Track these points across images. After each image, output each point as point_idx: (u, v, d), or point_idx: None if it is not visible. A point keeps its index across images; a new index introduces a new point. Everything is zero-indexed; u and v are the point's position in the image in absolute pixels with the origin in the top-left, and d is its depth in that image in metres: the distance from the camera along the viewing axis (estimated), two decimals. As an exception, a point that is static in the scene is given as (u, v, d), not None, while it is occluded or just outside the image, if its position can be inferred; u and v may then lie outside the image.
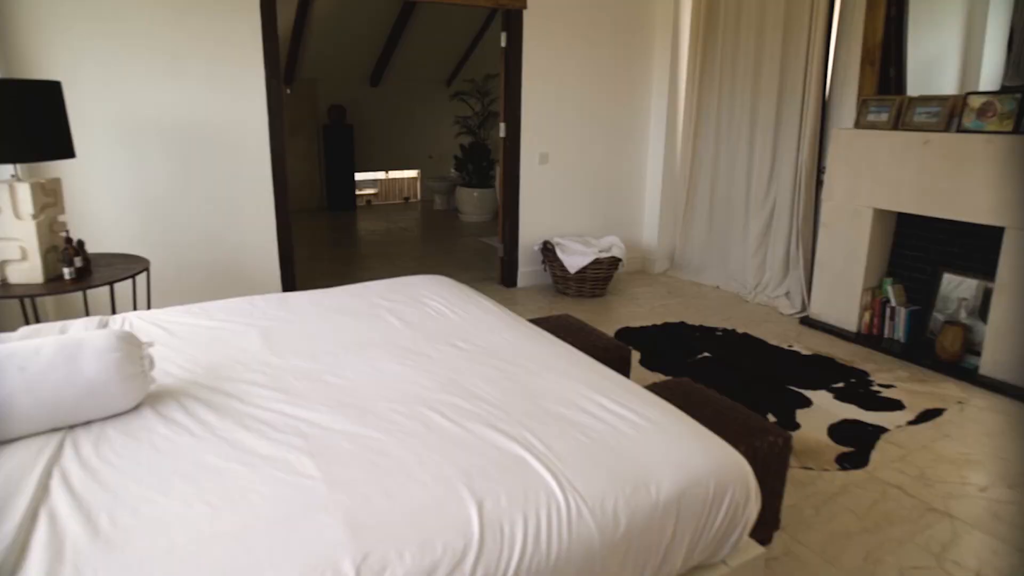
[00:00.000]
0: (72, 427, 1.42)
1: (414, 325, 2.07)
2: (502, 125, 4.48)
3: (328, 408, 1.50)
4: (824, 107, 3.92)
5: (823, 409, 2.78)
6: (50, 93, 2.42)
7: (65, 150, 2.48)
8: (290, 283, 3.87)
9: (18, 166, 2.56)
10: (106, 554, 1.03)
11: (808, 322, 3.91)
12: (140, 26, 3.26)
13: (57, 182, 2.57)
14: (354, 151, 7.96)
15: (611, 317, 4.01)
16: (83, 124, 3.15)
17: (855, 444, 2.48)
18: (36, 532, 1.08)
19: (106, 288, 2.64)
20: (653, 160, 5.02)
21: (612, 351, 2.46)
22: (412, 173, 9.11)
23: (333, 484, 1.21)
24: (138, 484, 1.21)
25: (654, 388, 1.94)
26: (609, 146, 4.86)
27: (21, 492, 1.16)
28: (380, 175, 9.13)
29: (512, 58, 4.32)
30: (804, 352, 3.45)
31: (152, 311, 2.23)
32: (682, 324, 3.89)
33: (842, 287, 3.72)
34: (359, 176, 8.32)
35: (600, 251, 4.31)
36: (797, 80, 3.99)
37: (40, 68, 3.11)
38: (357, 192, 8.34)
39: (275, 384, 1.63)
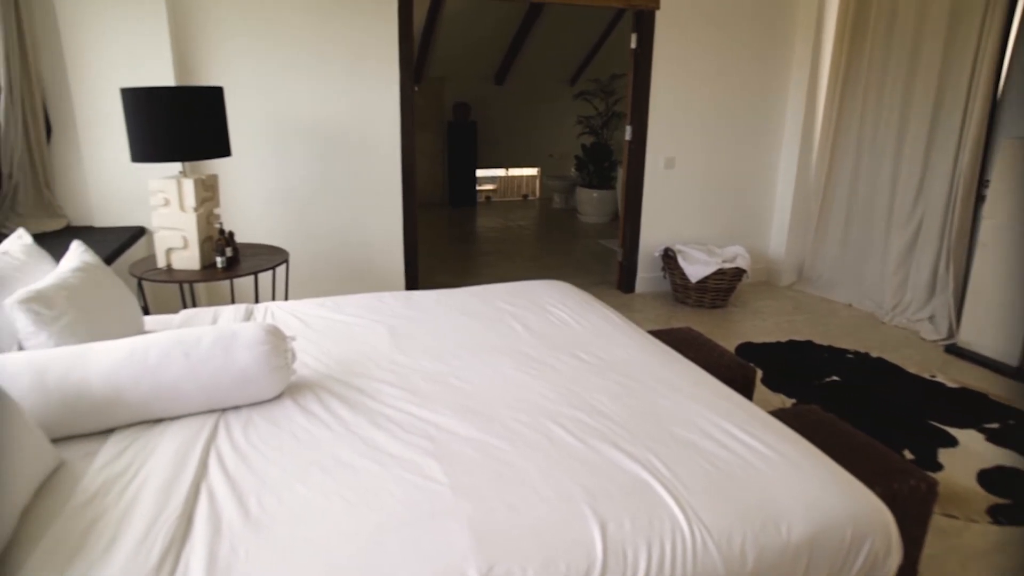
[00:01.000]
0: (224, 411, 1.54)
1: (537, 332, 2.08)
2: (628, 128, 4.41)
3: (454, 412, 1.54)
4: (993, 114, 3.54)
5: (972, 451, 2.52)
6: (214, 98, 2.65)
7: (223, 149, 2.71)
8: (413, 279, 4.02)
9: (185, 164, 2.83)
10: (255, 535, 1.11)
11: (955, 351, 3.56)
12: (288, 32, 3.49)
13: (215, 178, 2.81)
14: (477, 148, 8.15)
15: (732, 331, 3.85)
16: (236, 124, 3.42)
17: (1013, 496, 2.23)
18: (198, 506, 1.19)
19: (250, 276, 2.85)
20: (785, 168, 4.76)
21: (735, 369, 2.36)
22: (532, 171, 9.18)
23: (459, 490, 1.24)
24: (281, 471, 1.30)
25: (781, 415, 1.84)
26: (739, 153, 4.66)
27: (186, 467, 1.28)
28: (500, 172, 9.28)
29: (641, 59, 4.24)
30: (949, 384, 3.15)
31: (290, 302, 2.39)
32: (809, 343, 3.67)
33: (1001, 315, 3.36)
34: (480, 173, 8.49)
35: (724, 261, 4.15)
36: (961, 84, 3.63)
37: (207, 75, 3.41)
38: (477, 188, 8.53)
39: (403, 384, 1.70)
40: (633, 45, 4.27)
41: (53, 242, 2.43)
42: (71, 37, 3.07)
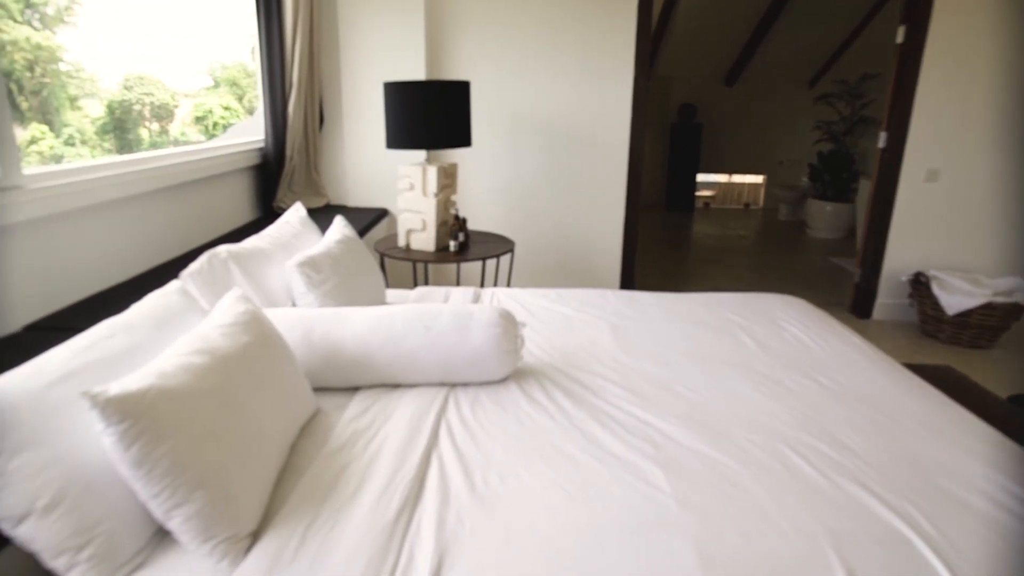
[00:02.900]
0: (453, 385, 1.62)
1: (769, 349, 1.91)
2: (882, 134, 3.92)
3: (679, 421, 1.47)
4: None
5: None
6: (461, 91, 2.82)
7: (465, 140, 2.87)
8: (628, 279, 3.96)
9: (430, 152, 3.05)
10: (480, 510, 1.14)
11: None
12: (527, 28, 3.61)
13: (455, 167, 2.99)
14: (699, 151, 7.85)
15: (1001, 377, 3.26)
16: (474, 116, 3.62)
17: None
18: (430, 472, 1.25)
19: (478, 261, 3.00)
20: (1092, 187, 3.90)
21: (1010, 422, 1.98)
22: (756, 178, 8.63)
23: (684, 504, 1.16)
24: (505, 453, 1.33)
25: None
26: (1026, 166, 3.92)
27: (420, 433, 1.36)
28: (720, 178, 8.85)
29: (908, 56, 3.74)
30: None
31: (514, 289, 2.46)
32: (1109, 404, 2.97)
33: None
34: (700, 177, 8.17)
35: (995, 294, 3.52)
36: None
37: (450, 69, 3.65)
38: (696, 193, 8.22)
39: (626, 384, 1.65)
40: (899, 39, 3.78)
41: (316, 217, 2.76)
42: (347, 39, 3.46)
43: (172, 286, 1.49)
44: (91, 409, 0.95)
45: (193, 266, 1.64)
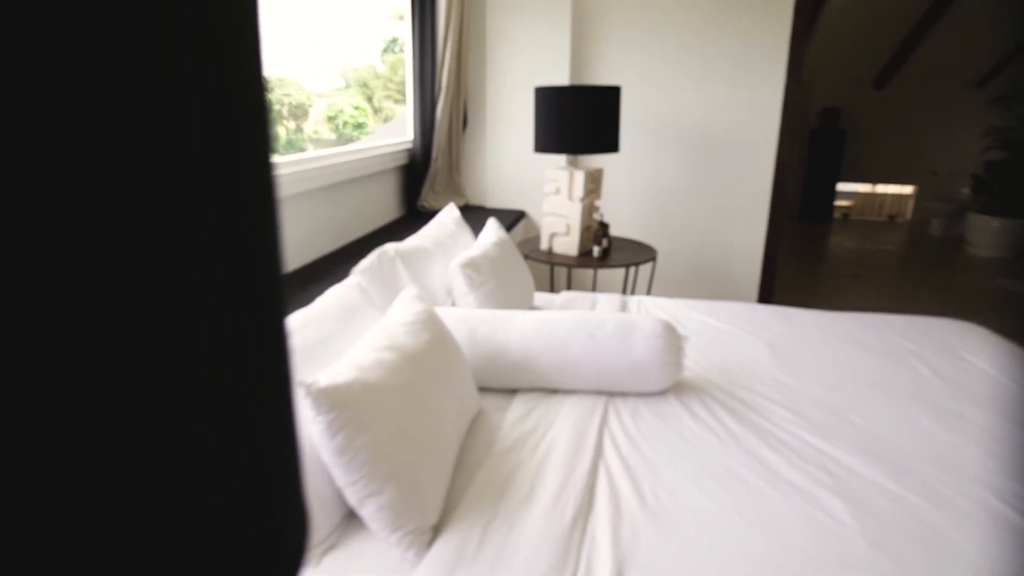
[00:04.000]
0: (611, 394, 1.61)
1: (949, 380, 1.76)
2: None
3: (855, 451, 1.37)
4: None
5: None
6: (611, 96, 2.80)
7: (612, 145, 2.85)
8: (767, 293, 3.79)
9: (572, 156, 3.05)
10: (653, 526, 1.13)
11: None
12: (674, 32, 3.52)
13: (600, 172, 2.98)
14: (841, 159, 7.36)
15: None
16: (621, 122, 3.59)
17: None
18: (599, 482, 1.25)
19: (617, 267, 2.97)
20: None
21: None
22: (904, 189, 7.98)
23: (875, 545, 1.09)
24: (672, 469, 1.30)
25: None
26: None
27: (585, 441, 1.36)
28: (861, 188, 8.26)
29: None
30: None
31: (660, 298, 2.41)
32: None
33: None
34: (840, 187, 7.67)
35: None
36: None
37: (594, 73, 3.64)
38: (835, 204, 7.73)
39: (792, 407, 1.57)
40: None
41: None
42: (494, 43, 3.54)
43: (350, 281, 1.58)
44: (305, 397, 1.02)
45: (364, 263, 1.73)
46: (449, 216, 2.32)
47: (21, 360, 0.16)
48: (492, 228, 2.21)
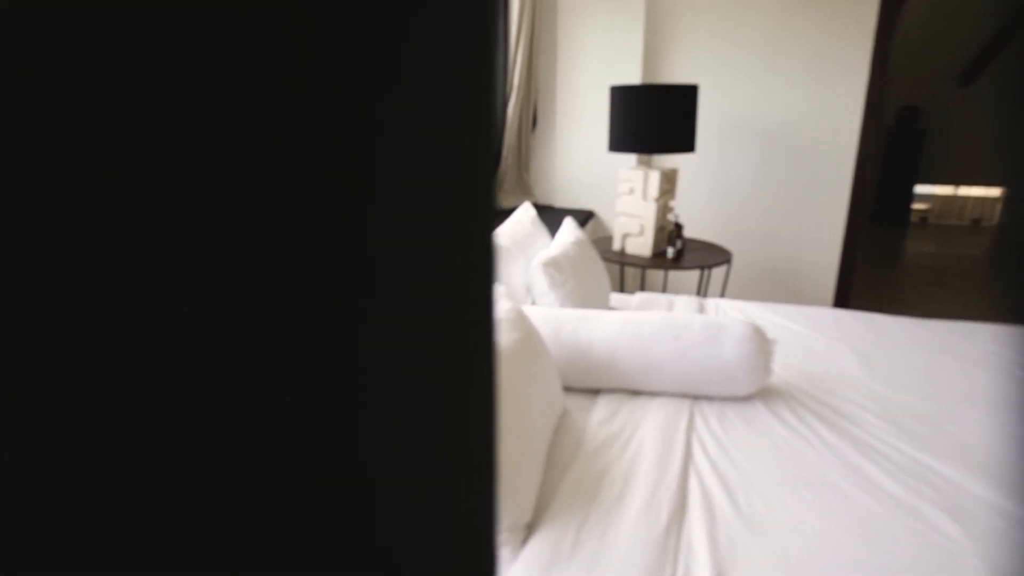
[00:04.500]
0: (695, 398, 1.59)
1: (1059, 394, 1.66)
2: None
3: (961, 466, 1.32)
4: None
5: None
6: (688, 95, 2.76)
7: (688, 145, 2.81)
8: (843, 298, 3.66)
9: (643, 156, 3.02)
10: (750, 534, 1.10)
11: None
12: (751, 28, 3.43)
13: (675, 172, 2.94)
14: (919, 160, 7.04)
15: None
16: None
17: None
18: (690, 486, 1.24)
19: (689, 269, 2.92)
20: None
21: None
22: (991, 191, 7.58)
23: (994, 565, 1.04)
24: (765, 476, 1.28)
25: None
26: None
27: (674, 445, 1.35)
28: (940, 190, 7.88)
29: None
30: None
31: (737, 301, 2.36)
32: None
33: None
34: (918, 189, 7.34)
35: None
36: None
37: (665, 71, 3.59)
38: (912, 206, 7.40)
39: (887, 417, 1.52)
40: None
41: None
42: (565, 43, 3.53)
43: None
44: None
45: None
46: (525, 215, 2.33)
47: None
48: (569, 227, 2.21)
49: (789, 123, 3.54)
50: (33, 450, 0.14)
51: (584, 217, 3.52)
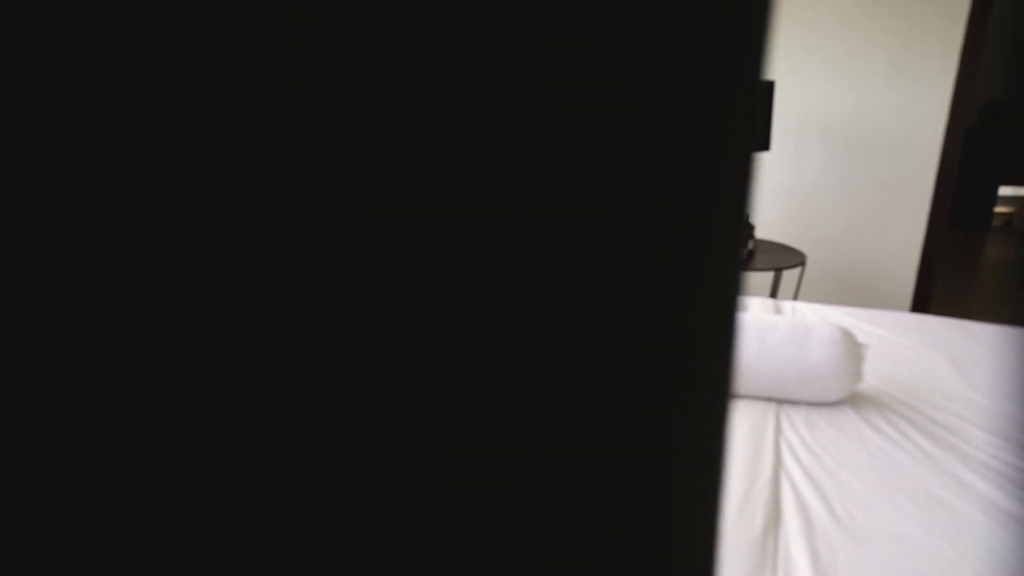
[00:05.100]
0: (780, 402, 1.54)
1: None
2: None
3: (1078, 483, 1.23)
4: None
5: None
6: (764, 92, 2.68)
7: (763, 143, 2.73)
8: (922, 305, 3.50)
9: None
10: (851, 544, 1.06)
11: None
12: (828, 20, 3.31)
13: (748, 170, 2.86)
14: (1004, 160, 6.68)
15: None
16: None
17: None
18: (783, 492, 1.19)
19: (767, 271, 2.84)
20: None
21: None
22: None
23: (1122, 589, 0.97)
24: (862, 485, 1.22)
25: None
26: None
27: (763, 448, 1.31)
28: (1024, 192, 7.46)
29: None
30: None
31: (814, 304, 2.28)
32: None
33: None
34: (1002, 191, 6.97)
35: None
36: None
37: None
38: (994, 209, 7.02)
39: (991, 428, 1.43)
40: None
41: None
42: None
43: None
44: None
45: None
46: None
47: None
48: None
49: (868, 120, 3.41)
50: (38, 450, 0.14)
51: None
